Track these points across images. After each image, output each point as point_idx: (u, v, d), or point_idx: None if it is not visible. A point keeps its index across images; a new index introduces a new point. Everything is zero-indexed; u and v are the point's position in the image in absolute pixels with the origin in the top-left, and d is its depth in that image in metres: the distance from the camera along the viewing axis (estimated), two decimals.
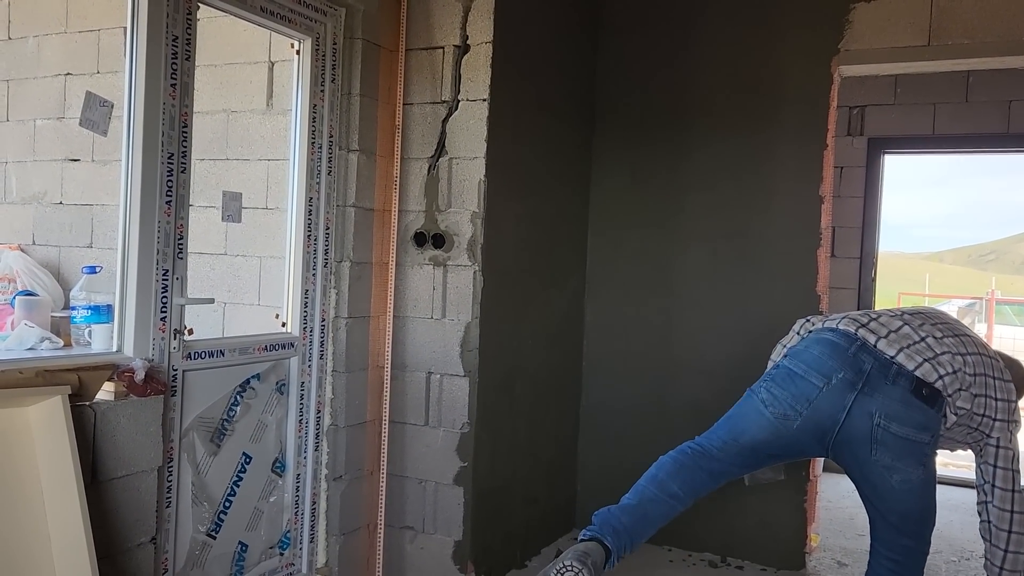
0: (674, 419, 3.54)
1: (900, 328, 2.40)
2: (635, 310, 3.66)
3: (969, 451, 2.55)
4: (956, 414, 2.33)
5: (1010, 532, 2.35)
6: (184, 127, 2.25)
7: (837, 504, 4.48)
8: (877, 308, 2.28)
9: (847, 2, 3.26)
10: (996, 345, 9.59)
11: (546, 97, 3.33)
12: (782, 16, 3.38)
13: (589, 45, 3.68)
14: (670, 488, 2.36)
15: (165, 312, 2.22)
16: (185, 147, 2.26)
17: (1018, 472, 2.40)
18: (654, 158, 3.62)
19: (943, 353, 2.35)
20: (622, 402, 3.68)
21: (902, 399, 2.28)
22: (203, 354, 2.37)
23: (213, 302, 2.63)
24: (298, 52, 2.74)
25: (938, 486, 5.31)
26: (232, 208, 2.56)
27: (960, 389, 2.33)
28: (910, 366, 2.30)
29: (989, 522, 2.40)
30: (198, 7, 2.29)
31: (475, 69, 2.91)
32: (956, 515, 4.42)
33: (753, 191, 3.44)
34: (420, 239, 2.98)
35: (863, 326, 2.40)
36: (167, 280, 2.22)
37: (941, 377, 2.31)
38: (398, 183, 2.99)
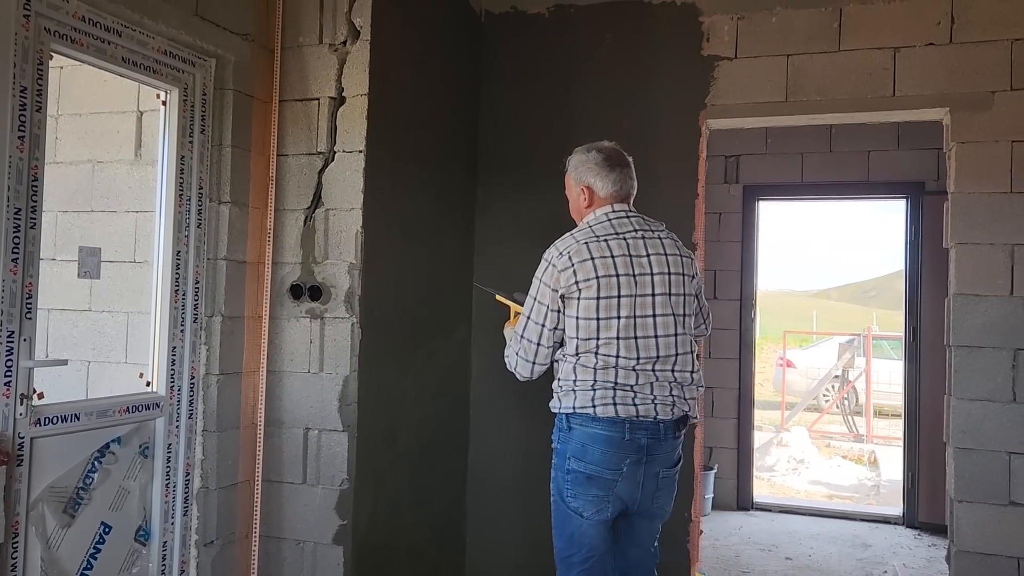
0: None
1: (651, 380, 2.38)
2: None
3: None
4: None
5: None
6: (34, 181, 2.15)
7: (724, 542, 4.58)
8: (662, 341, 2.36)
9: (712, 60, 3.44)
10: (874, 379, 10.12)
11: (427, 147, 3.35)
12: (655, 72, 3.53)
13: (471, 96, 3.73)
14: None
15: (10, 376, 2.09)
16: (35, 202, 2.15)
17: None
18: (538, 207, 3.67)
19: (682, 355, 2.44)
20: (511, 451, 3.67)
21: (672, 447, 2.45)
22: (55, 419, 2.24)
23: (67, 363, 2.50)
24: (164, 103, 2.67)
25: (817, 518, 5.52)
26: (90, 264, 2.45)
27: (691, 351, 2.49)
28: (671, 415, 2.40)
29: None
30: (51, 56, 2.21)
31: (351, 120, 2.91)
32: (835, 547, 4.57)
33: None
34: (296, 291, 2.92)
35: (621, 404, 2.35)
36: (12, 342, 2.09)
37: (689, 399, 2.46)
38: (272, 235, 2.93)
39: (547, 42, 3.69)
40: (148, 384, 2.62)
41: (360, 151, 2.89)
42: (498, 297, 2.82)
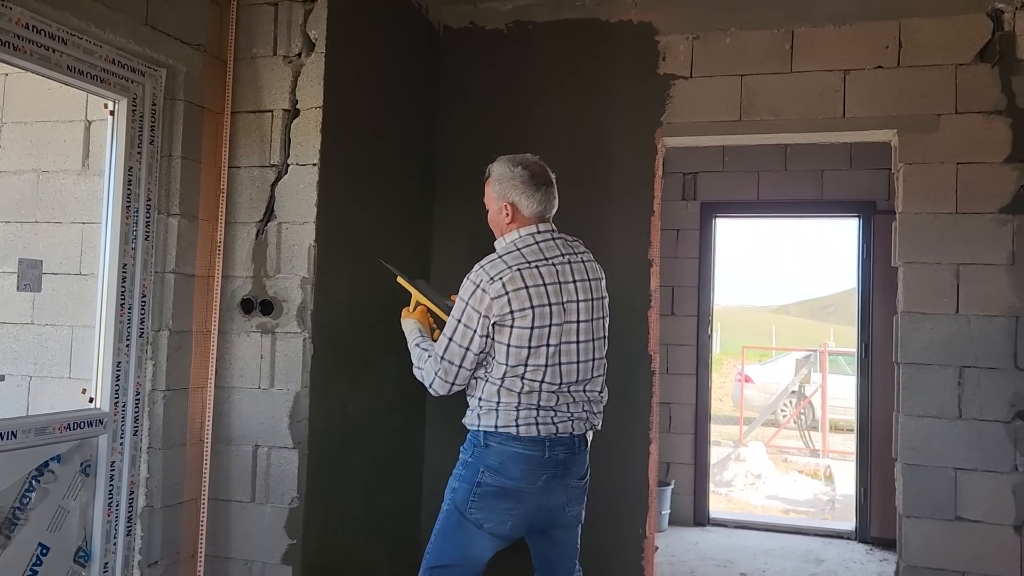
0: None
1: (569, 400, 2.40)
2: None
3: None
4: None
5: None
6: None
7: (680, 559, 4.59)
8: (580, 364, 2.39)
9: (668, 79, 3.47)
10: (830, 395, 10.27)
11: (383, 161, 3.32)
12: (612, 89, 3.55)
13: (429, 110, 3.73)
14: None
15: None
16: None
17: None
18: None
19: (596, 377, 2.49)
20: None
21: (583, 459, 2.49)
22: None
23: (3, 379, 2.42)
24: (112, 113, 2.62)
25: (773, 533, 5.56)
26: (30, 276, 2.39)
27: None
28: (583, 429, 2.46)
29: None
30: None
31: (305, 133, 2.88)
32: (789, 562, 4.61)
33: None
34: (247, 306, 2.88)
35: (543, 424, 2.36)
36: None
37: (597, 413, 2.52)
38: (223, 248, 2.88)
39: (505, 58, 3.70)
40: (91, 400, 2.55)
41: (314, 164, 2.86)
42: (400, 279, 2.71)
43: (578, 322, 2.40)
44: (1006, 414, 3.04)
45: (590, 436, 2.53)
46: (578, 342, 2.40)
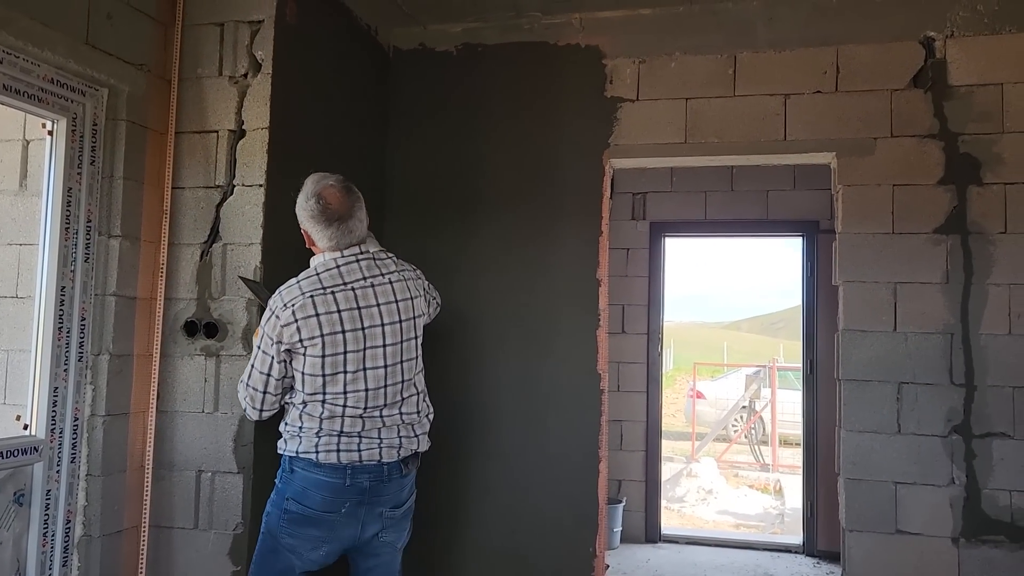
0: (468, 502, 3.54)
1: (378, 425, 2.39)
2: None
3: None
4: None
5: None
6: None
7: (632, 575, 4.61)
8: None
9: (615, 101, 3.53)
10: (779, 409, 10.44)
11: None
12: (561, 111, 3.59)
13: (379, 131, 3.72)
14: None
15: None
16: None
17: None
18: (444, 243, 3.68)
19: (409, 398, 2.47)
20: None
21: (398, 487, 2.45)
22: None
23: None
24: (51, 132, 2.57)
25: (723, 548, 5.61)
26: None
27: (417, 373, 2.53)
28: (396, 457, 2.42)
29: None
30: None
31: (251, 154, 2.86)
32: None
33: (539, 275, 3.57)
34: (191, 328, 2.83)
35: (344, 451, 2.35)
36: None
37: (419, 435, 2.51)
38: (165, 270, 2.84)
39: (455, 80, 3.72)
40: (26, 427, 2.48)
41: (260, 185, 2.84)
42: (260, 298, 2.69)
43: (384, 346, 2.38)
44: (943, 428, 3.13)
45: (412, 463, 2.50)
46: (385, 366, 2.38)
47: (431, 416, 2.59)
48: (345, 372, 2.32)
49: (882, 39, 3.29)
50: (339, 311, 2.32)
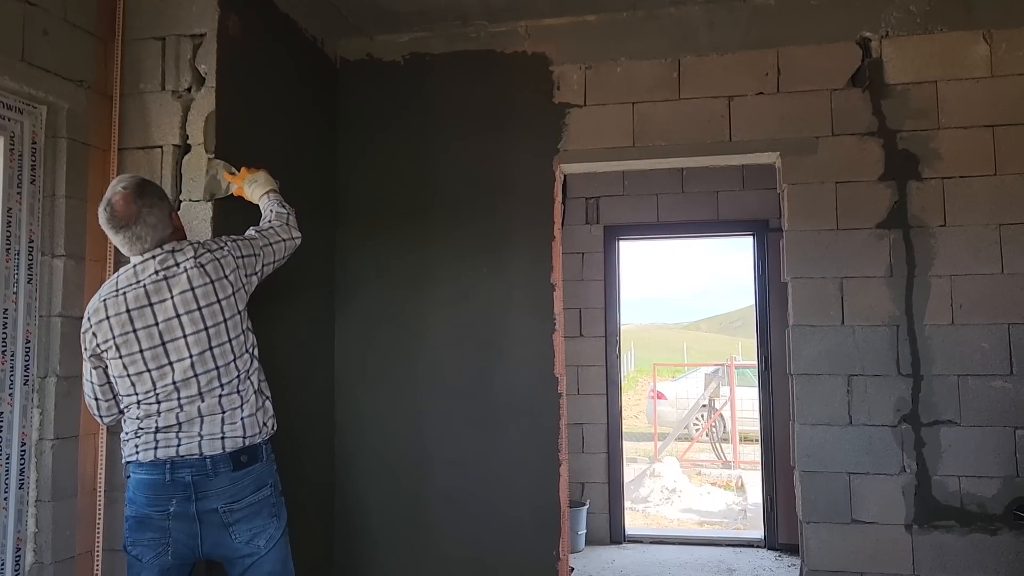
0: (430, 510, 3.53)
1: (196, 417, 2.31)
2: (386, 405, 3.63)
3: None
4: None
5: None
6: None
7: None
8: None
9: (563, 107, 3.56)
10: (739, 407, 10.58)
11: (281, 193, 3.27)
12: (510, 118, 3.61)
13: (328, 142, 3.71)
14: None
15: None
16: None
17: None
18: (397, 252, 3.67)
19: (228, 383, 2.35)
20: (377, 499, 3.60)
21: (231, 481, 2.32)
22: None
23: None
24: None
25: (687, 546, 5.65)
26: None
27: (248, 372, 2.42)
28: (221, 450, 2.31)
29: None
30: None
31: (197, 169, 2.82)
32: (702, 574, 4.71)
33: (493, 281, 3.58)
34: None
35: (162, 447, 2.29)
36: None
37: (247, 428, 2.36)
38: None
39: (403, 89, 3.72)
40: None
41: (208, 199, 2.80)
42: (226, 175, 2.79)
43: (184, 336, 2.30)
44: (893, 418, 3.20)
45: (251, 456, 2.35)
46: (190, 356, 2.30)
47: (267, 403, 2.47)
48: (148, 370, 2.29)
49: (820, 40, 3.37)
50: (128, 311, 2.29)
